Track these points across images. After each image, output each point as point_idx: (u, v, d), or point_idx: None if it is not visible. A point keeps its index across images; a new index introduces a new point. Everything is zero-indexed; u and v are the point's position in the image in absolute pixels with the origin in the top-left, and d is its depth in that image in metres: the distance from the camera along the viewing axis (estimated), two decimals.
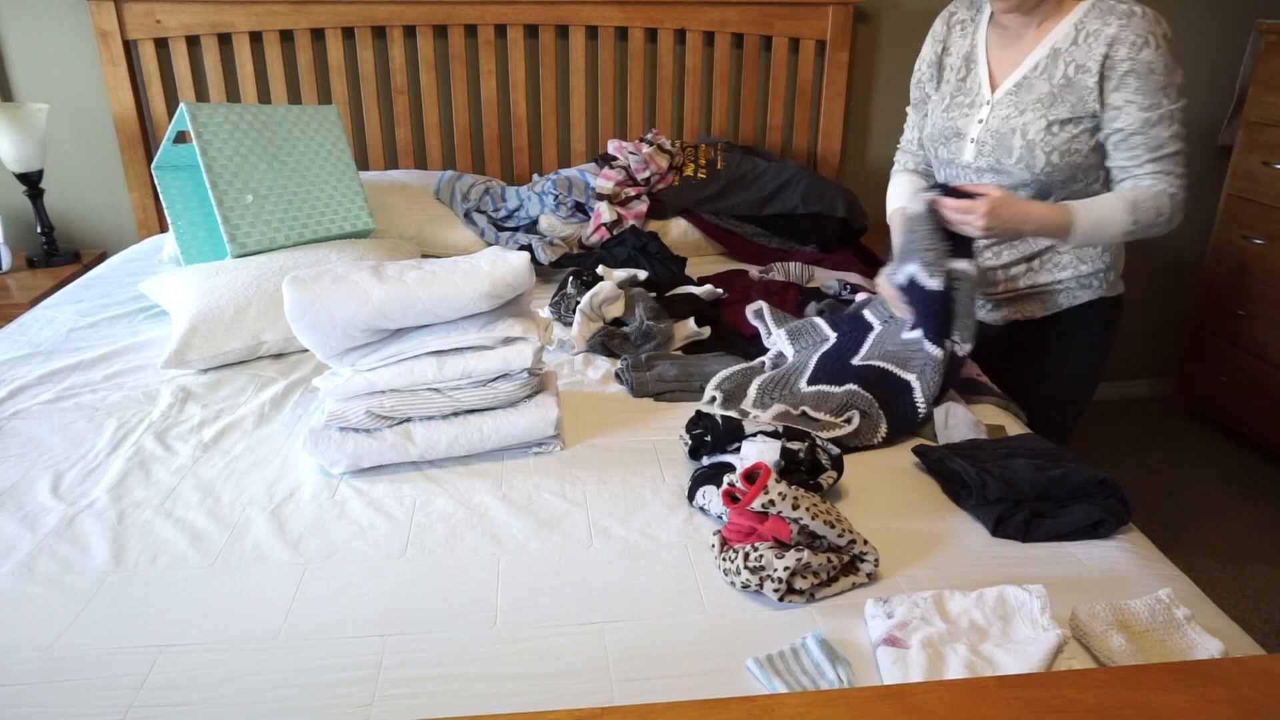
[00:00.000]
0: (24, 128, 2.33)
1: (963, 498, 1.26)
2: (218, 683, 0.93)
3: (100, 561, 1.14)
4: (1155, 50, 1.47)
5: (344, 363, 1.40)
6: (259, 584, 1.10)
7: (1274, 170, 2.75)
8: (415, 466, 1.37)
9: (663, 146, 2.48)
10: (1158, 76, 1.48)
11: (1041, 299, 1.68)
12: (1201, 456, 3.03)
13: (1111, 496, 1.22)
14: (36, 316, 1.96)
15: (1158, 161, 1.52)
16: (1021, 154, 1.56)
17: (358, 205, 2.11)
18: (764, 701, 0.69)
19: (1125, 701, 0.68)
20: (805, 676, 0.93)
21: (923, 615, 0.99)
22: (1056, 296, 1.68)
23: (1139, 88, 1.48)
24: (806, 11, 2.67)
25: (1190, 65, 3.00)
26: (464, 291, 1.36)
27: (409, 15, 2.53)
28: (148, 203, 2.60)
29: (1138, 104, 1.49)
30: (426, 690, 0.92)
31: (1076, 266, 1.65)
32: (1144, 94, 1.49)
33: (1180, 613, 1.01)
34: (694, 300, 1.95)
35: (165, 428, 1.48)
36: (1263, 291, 2.84)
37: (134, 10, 2.42)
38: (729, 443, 1.32)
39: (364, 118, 2.64)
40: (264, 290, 1.77)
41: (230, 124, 1.95)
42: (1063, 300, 1.68)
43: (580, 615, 1.04)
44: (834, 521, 1.08)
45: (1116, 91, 1.50)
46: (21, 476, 1.34)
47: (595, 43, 2.69)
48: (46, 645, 0.99)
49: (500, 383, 1.39)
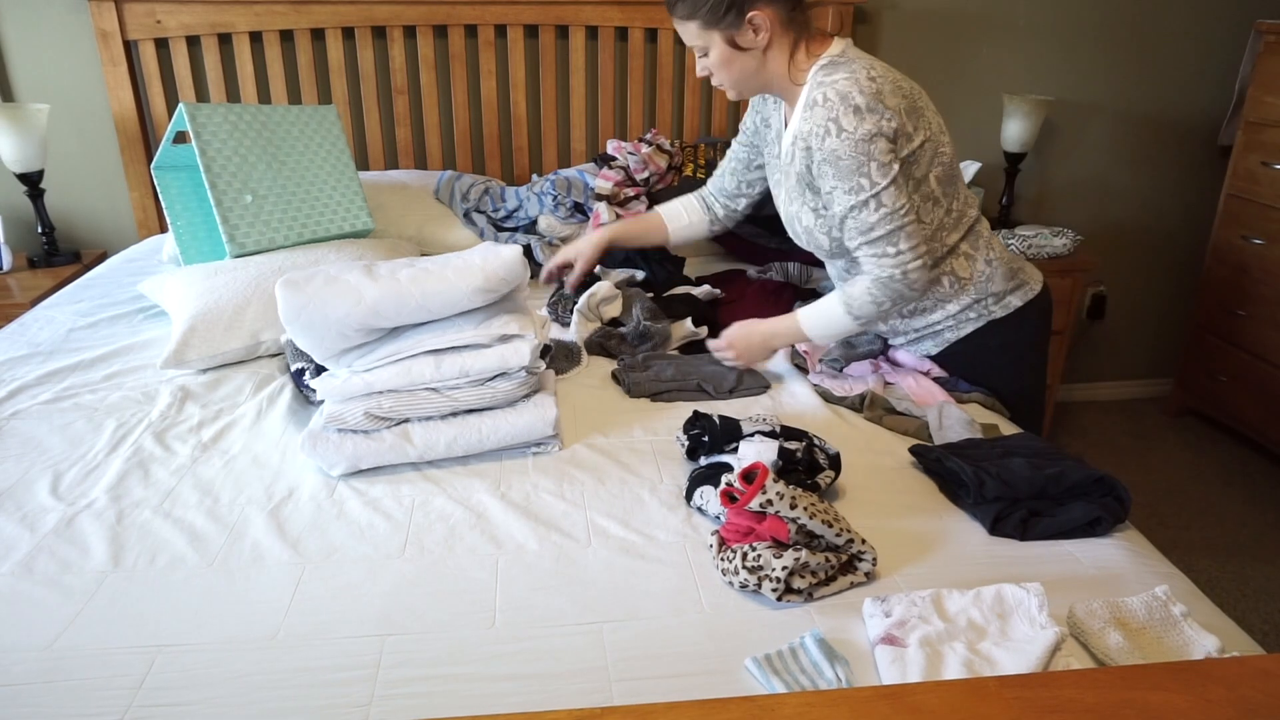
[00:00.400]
0: (24, 128, 2.33)
1: (960, 497, 1.27)
2: (217, 683, 0.93)
3: (99, 561, 1.14)
4: (838, 137, 1.43)
5: (341, 364, 1.40)
6: (258, 584, 1.10)
7: (1274, 170, 2.75)
8: (414, 466, 1.37)
9: (662, 147, 2.48)
10: (845, 162, 1.43)
11: (931, 338, 1.68)
12: (1201, 456, 3.03)
13: (1109, 495, 1.22)
14: (36, 316, 1.96)
15: (871, 245, 1.49)
16: (807, 239, 1.64)
17: (357, 205, 2.11)
18: (763, 701, 0.69)
19: (1125, 701, 0.68)
20: (804, 676, 0.93)
21: (921, 614, 1.00)
22: (943, 333, 1.66)
23: (835, 174, 1.46)
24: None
25: (1190, 65, 3.00)
26: (457, 287, 1.36)
27: (409, 15, 2.53)
28: (148, 203, 2.60)
29: (840, 188, 1.47)
30: (425, 690, 0.93)
31: (943, 308, 1.63)
32: (841, 179, 1.46)
33: (1177, 610, 1.01)
34: (691, 300, 1.95)
35: (164, 428, 1.48)
36: (1263, 291, 2.84)
37: (134, 10, 2.42)
38: (726, 443, 1.32)
39: (364, 118, 2.64)
40: (263, 290, 1.77)
41: (230, 124, 1.95)
42: (949, 335, 1.66)
43: (579, 615, 1.04)
44: (832, 521, 1.08)
45: (821, 180, 1.50)
46: (21, 476, 1.34)
47: (595, 43, 2.69)
48: (46, 645, 0.99)
49: (498, 382, 1.39)
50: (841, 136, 1.42)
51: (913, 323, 1.66)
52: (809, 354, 1.72)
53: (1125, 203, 3.18)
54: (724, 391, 1.61)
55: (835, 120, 1.42)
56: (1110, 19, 2.92)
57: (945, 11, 2.84)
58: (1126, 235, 3.23)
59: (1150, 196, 3.18)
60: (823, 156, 1.46)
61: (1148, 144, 3.10)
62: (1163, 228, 3.23)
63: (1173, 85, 3.02)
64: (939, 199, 1.55)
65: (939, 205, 1.55)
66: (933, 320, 1.64)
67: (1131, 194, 3.17)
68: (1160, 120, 3.07)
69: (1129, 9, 2.90)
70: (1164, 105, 3.05)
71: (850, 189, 1.45)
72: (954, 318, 1.63)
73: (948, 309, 1.62)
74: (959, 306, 1.62)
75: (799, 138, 1.51)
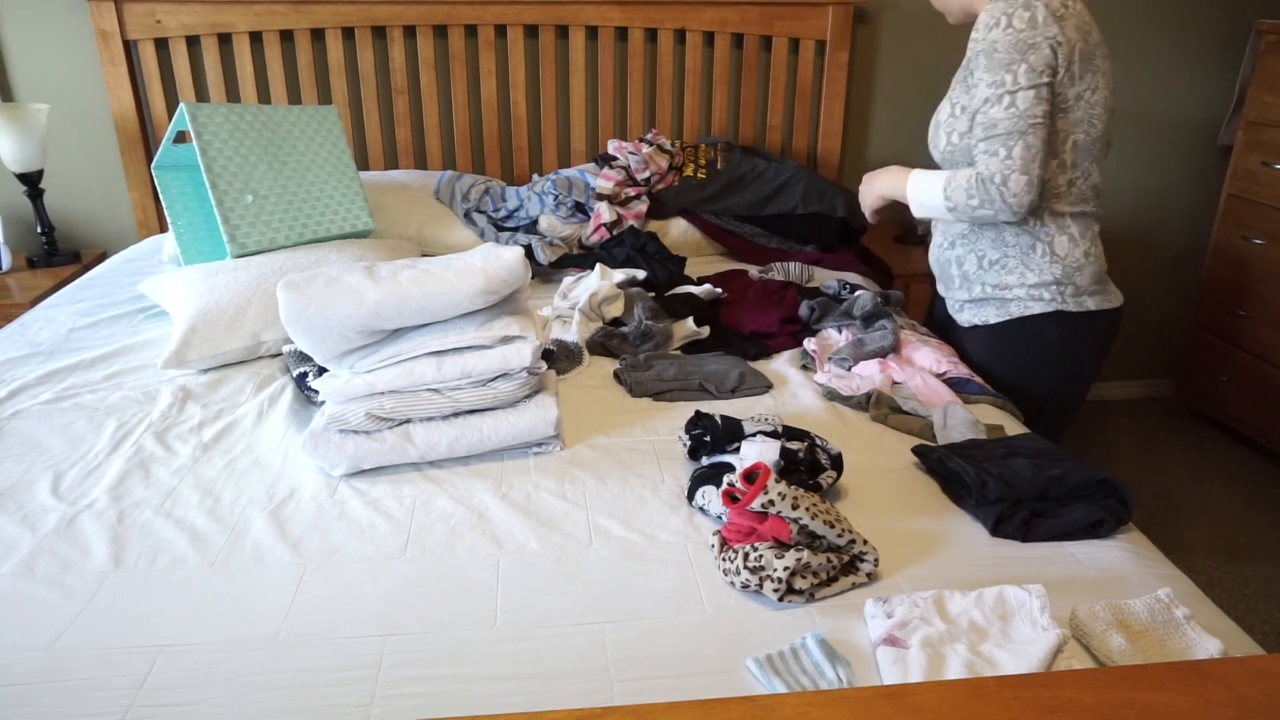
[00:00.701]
0: (24, 128, 2.33)
1: (962, 497, 1.26)
2: (218, 683, 0.93)
3: (100, 561, 1.14)
4: (1004, 30, 1.47)
5: (343, 365, 1.40)
6: (259, 584, 1.10)
7: (1274, 170, 2.75)
8: (415, 467, 1.37)
9: (662, 147, 2.48)
10: (1000, 55, 1.48)
11: (995, 304, 1.69)
12: (1201, 456, 3.03)
13: (1111, 496, 1.22)
14: (36, 316, 1.96)
15: (988, 140, 1.52)
16: (933, 136, 1.68)
17: (358, 205, 2.11)
18: (764, 701, 0.69)
19: (1125, 701, 0.68)
20: (805, 676, 0.93)
21: (922, 615, 1.00)
22: (1008, 304, 1.67)
23: (986, 65, 1.50)
24: (806, 11, 2.67)
25: (1190, 65, 3.00)
26: (459, 289, 1.36)
27: (409, 15, 2.53)
28: (148, 203, 2.60)
29: (985, 80, 1.51)
30: (426, 690, 0.93)
31: (1023, 274, 1.64)
32: (989, 70, 1.50)
33: (1180, 612, 1.01)
34: (693, 300, 1.95)
35: (165, 428, 1.48)
36: (1263, 291, 2.84)
37: (134, 10, 2.42)
38: (728, 443, 1.32)
39: (364, 118, 2.64)
40: (264, 290, 1.77)
41: (230, 124, 1.95)
42: (1015, 309, 1.67)
43: (580, 615, 1.04)
44: (834, 521, 1.08)
45: (974, 68, 1.54)
46: (21, 476, 1.34)
47: (595, 43, 2.69)
48: (46, 645, 0.99)
49: (500, 382, 1.39)
50: (1007, 31, 1.47)
51: (988, 276, 1.66)
52: (817, 354, 1.72)
53: (1125, 203, 3.18)
54: (726, 391, 1.61)
55: (1008, 15, 1.47)
56: (1110, 19, 2.92)
57: None
58: (1126, 235, 3.23)
59: (1150, 196, 3.18)
60: (982, 46, 1.50)
61: (1148, 144, 3.10)
62: (1163, 228, 3.23)
63: (1173, 85, 3.02)
64: (1066, 166, 1.57)
65: (1064, 171, 1.57)
66: (1009, 282, 1.64)
67: (1131, 194, 3.17)
68: (1160, 120, 3.07)
69: (1129, 9, 2.90)
70: (1164, 105, 3.05)
71: (994, 82, 1.49)
72: (1030, 289, 1.63)
73: (1028, 277, 1.63)
74: (1039, 280, 1.62)
75: (975, 29, 1.55)
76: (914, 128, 2.97)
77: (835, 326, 1.85)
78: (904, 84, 2.91)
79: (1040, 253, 1.62)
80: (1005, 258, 1.64)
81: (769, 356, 1.80)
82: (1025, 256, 1.63)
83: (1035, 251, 1.62)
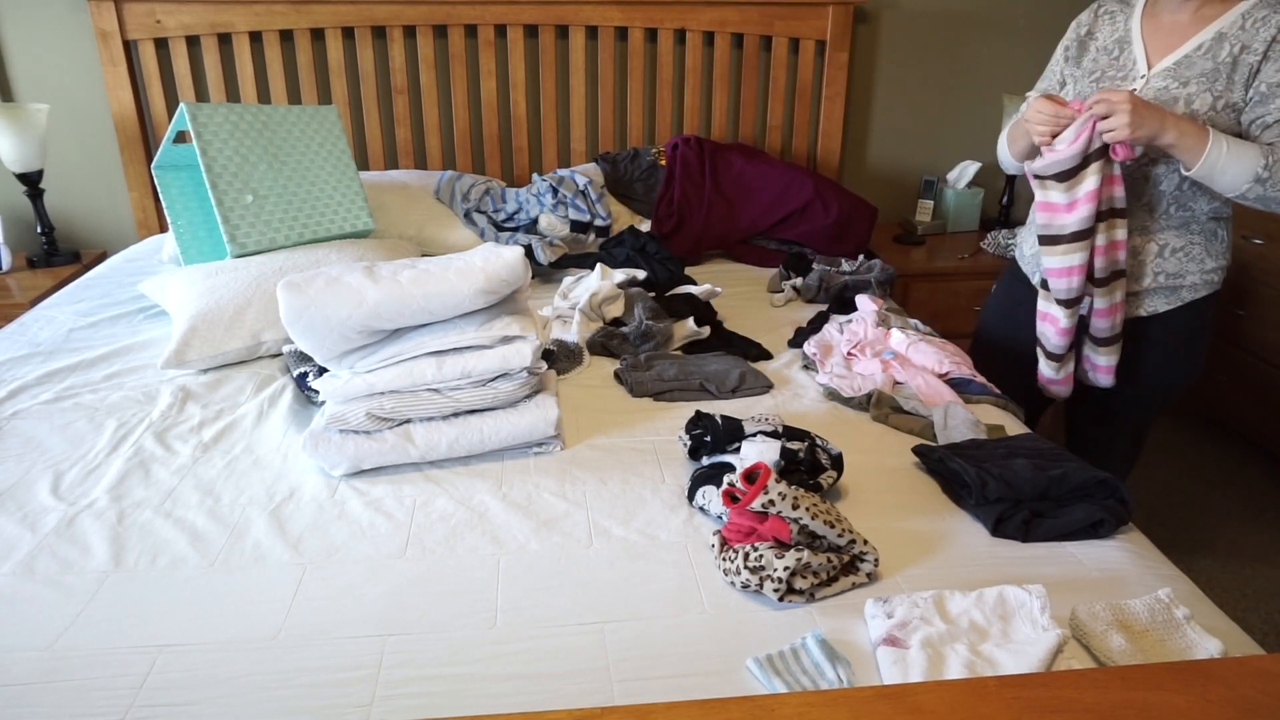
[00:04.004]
0: (24, 128, 2.33)
1: (963, 498, 1.26)
2: (218, 683, 0.93)
3: (100, 561, 1.14)
4: None
5: (343, 365, 1.40)
6: (259, 584, 1.10)
7: None
8: (415, 467, 1.37)
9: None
10: None
11: (1165, 292, 1.68)
12: (1202, 457, 3.03)
13: (1111, 496, 1.22)
14: (36, 316, 1.96)
15: None
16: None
17: (358, 205, 2.11)
18: (764, 701, 0.69)
19: (1125, 701, 0.68)
20: (805, 676, 0.93)
21: (923, 615, 1.00)
22: (1180, 290, 1.68)
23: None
24: (806, 11, 2.67)
25: None
26: (459, 289, 1.36)
27: (409, 15, 2.53)
28: (148, 203, 2.60)
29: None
30: (426, 690, 0.93)
31: (1203, 261, 1.65)
32: None
33: (1180, 613, 1.01)
34: (693, 300, 1.95)
35: (165, 428, 1.48)
36: (1263, 291, 2.84)
37: (134, 10, 2.42)
38: (729, 443, 1.32)
39: (364, 118, 2.64)
40: (264, 290, 1.77)
41: (230, 124, 1.95)
42: (1186, 294, 1.68)
43: (580, 615, 1.04)
44: (834, 521, 1.08)
45: (1275, 77, 1.49)
46: (21, 476, 1.34)
47: (595, 43, 2.69)
48: (47, 645, 0.99)
49: (500, 382, 1.39)
50: None
51: (1168, 265, 1.66)
52: (817, 355, 1.72)
53: None
54: (726, 391, 1.61)
55: None
56: None
57: (945, 11, 2.84)
58: None
59: None
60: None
61: None
62: None
63: None
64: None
65: None
66: (1188, 269, 1.66)
67: None
68: None
69: None
70: None
71: None
72: (1206, 274, 1.67)
73: (1205, 264, 1.66)
74: (1213, 265, 1.66)
75: (1257, 23, 1.51)
76: (914, 128, 2.97)
77: (836, 327, 1.85)
78: (904, 84, 2.91)
79: (1220, 239, 1.66)
80: (1190, 245, 1.65)
81: (769, 357, 1.80)
82: (1209, 244, 1.65)
83: (1216, 239, 1.65)
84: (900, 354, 1.71)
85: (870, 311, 1.86)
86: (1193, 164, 1.49)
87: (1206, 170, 1.48)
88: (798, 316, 2.04)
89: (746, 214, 2.44)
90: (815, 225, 2.41)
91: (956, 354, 1.72)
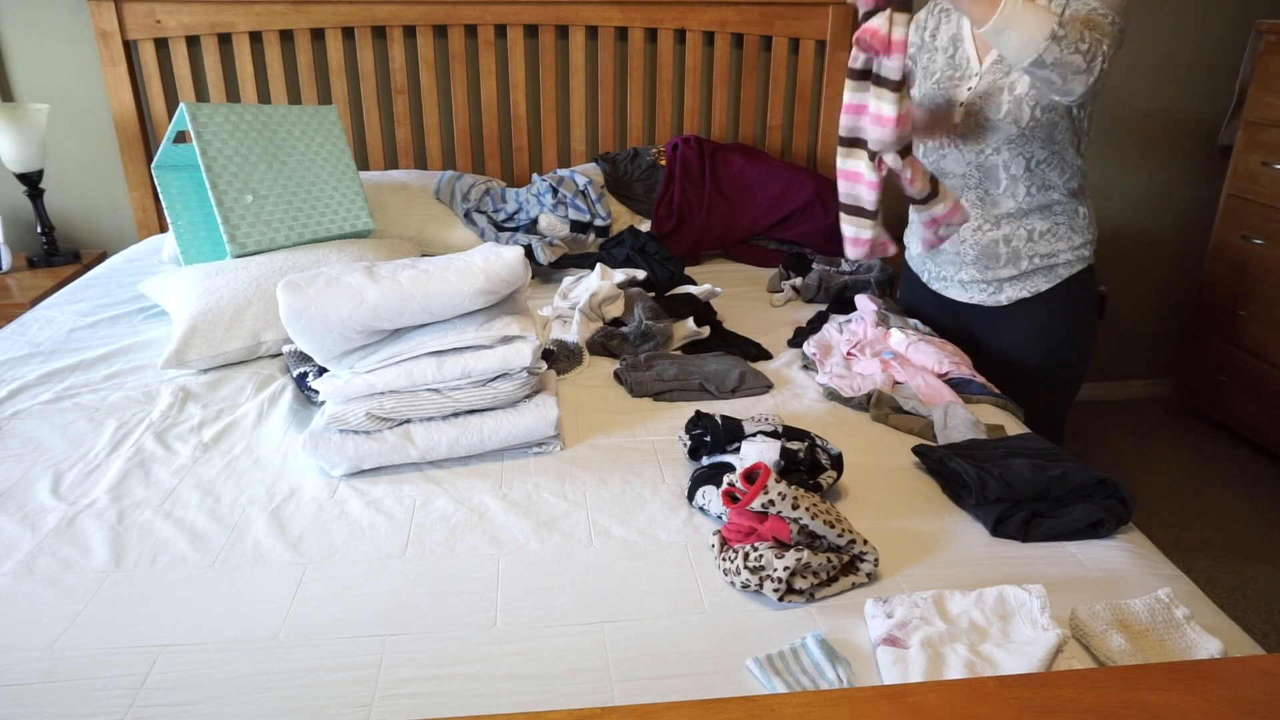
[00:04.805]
0: (24, 128, 2.33)
1: (962, 497, 1.26)
2: (218, 683, 0.93)
3: (100, 561, 1.14)
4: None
5: (343, 365, 1.40)
6: (259, 584, 1.10)
7: (1274, 170, 2.75)
8: (415, 467, 1.37)
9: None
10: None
11: (1043, 272, 1.78)
12: (1201, 456, 3.03)
13: (1111, 496, 1.22)
14: (36, 316, 1.96)
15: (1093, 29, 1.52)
16: (1009, 108, 1.66)
17: (358, 205, 2.11)
18: (764, 701, 0.69)
19: (1125, 701, 0.68)
20: (805, 676, 0.93)
21: (922, 615, 1.00)
22: (1056, 269, 1.77)
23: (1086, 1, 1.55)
24: (806, 11, 2.67)
25: (1190, 65, 3.00)
26: (459, 289, 1.36)
27: (409, 15, 2.53)
28: (148, 203, 2.60)
29: (1089, 6, 1.55)
30: (426, 690, 0.93)
31: (1070, 238, 1.76)
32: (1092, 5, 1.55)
33: (1180, 612, 1.01)
34: (692, 300, 1.95)
35: (165, 428, 1.48)
36: (1263, 291, 2.84)
37: (134, 10, 2.42)
38: (729, 443, 1.32)
39: (364, 118, 2.64)
40: (264, 290, 1.77)
41: (230, 124, 1.95)
42: (1063, 271, 1.77)
43: (580, 615, 1.04)
44: (834, 521, 1.08)
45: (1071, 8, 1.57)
46: (21, 476, 1.34)
47: (595, 43, 2.69)
48: (47, 645, 0.99)
49: (500, 382, 1.39)
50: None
51: (1039, 247, 1.76)
52: (817, 355, 1.72)
53: (1125, 202, 3.18)
54: (726, 391, 1.61)
55: None
56: None
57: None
58: (1127, 235, 3.23)
59: (1150, 196, 3.18)
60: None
61: (1148, 144, 3.10)
62: (1163, 228, 3.23)
63: (1173, 85, 3.02)
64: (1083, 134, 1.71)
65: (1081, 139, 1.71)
66: (1059, 249, 1.76)
67: (1131, 194, 3.17)
68: (1160, 120, 3.07)
69: (1129, 9, 2.90)
70: (1164, 105, 3.05)
71: (1093, 8, 1.54)
72: (1074, 251, 1.77)
73: (1073, 240, 1.76)
74: (1081, 241, 1.77)
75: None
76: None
77: (835, 327, 1.85)
78: None
79: (1082, 215, 1.77)
80: (1055, 225, 1.75)
81: (769, 357, 1.80)
82: (1071, 221, 1.76)
83: (1078, 215, 1.76)
84: (900, 354, 1.71)
85: (870, 311, 1.86)
86: (987, 18, 1.45)
87: (1002, 24, 1.44)
88: (797, 316, 2.05)
89: (746, 214, 2.44)
90: (815, 225, 2.41)
91: (956, 354, 1.72)
